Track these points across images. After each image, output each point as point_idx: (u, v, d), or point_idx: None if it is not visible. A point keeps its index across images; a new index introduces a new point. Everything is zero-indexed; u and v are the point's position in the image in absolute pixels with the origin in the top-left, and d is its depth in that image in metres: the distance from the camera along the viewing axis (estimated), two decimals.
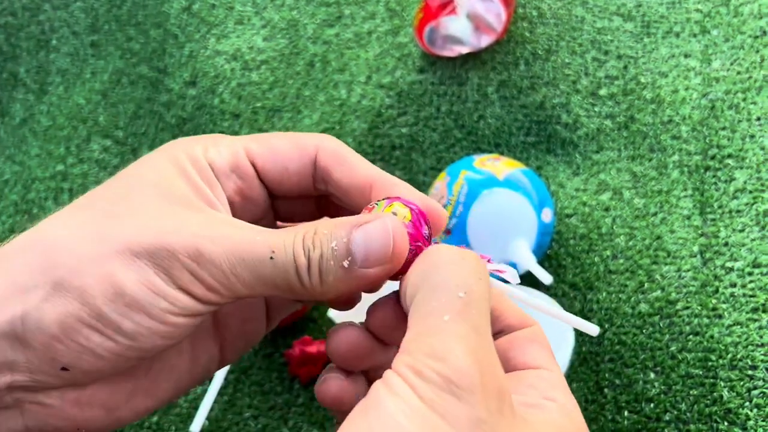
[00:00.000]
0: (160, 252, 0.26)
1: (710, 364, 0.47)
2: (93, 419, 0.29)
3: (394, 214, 0.29)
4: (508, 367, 0.29)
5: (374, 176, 0.31)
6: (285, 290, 0.27)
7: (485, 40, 0.58)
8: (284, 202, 0.33)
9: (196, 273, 0.27)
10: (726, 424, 0.45)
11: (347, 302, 0.31)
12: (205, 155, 0.30)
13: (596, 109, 0.56)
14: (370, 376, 0.30)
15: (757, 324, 0.47)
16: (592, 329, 0.30)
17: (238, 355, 0.34)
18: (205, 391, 0.50)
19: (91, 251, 0.26)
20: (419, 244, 0.29)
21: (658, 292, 0.49)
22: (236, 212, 0.31)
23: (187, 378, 0.32)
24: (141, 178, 0.29)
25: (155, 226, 0.27)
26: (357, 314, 0.38)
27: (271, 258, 0.27)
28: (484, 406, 0.23)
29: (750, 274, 0.49)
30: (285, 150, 0.31)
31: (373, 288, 0.29)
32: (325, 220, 0.29)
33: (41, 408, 0.27)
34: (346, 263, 0.27)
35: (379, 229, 0.27)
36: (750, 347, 0.47)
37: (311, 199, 0.33)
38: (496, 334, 0.30)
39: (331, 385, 0.29)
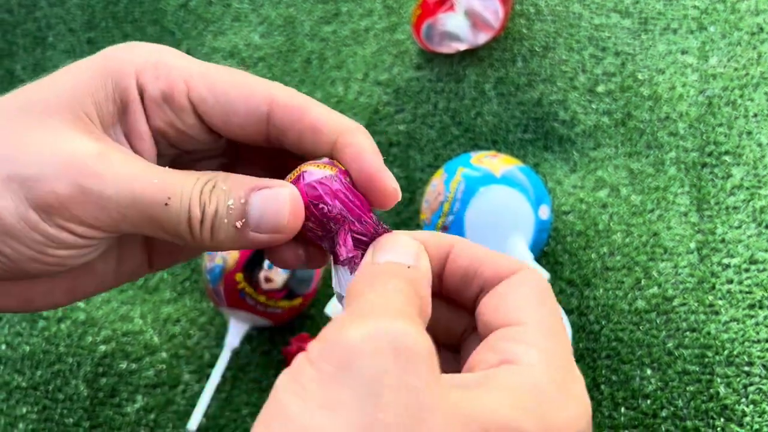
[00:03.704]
0: (39, 186, 0.25)
1: (707, 360, 0.47)
2: (7, 306, 0.29)
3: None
4: (486, 332, 0.26)
5: (337, 128, 0.29)
6: (172, 236, 0.27)
7: (482, 37, 0.58)
8: (245, 148, 0.32)
9: (77, 213, 0.26)
10: (722, 420, 0.45)
11: (286, 264, 0.30)
12: (138, 77, 0.28)
13: (593, 105, 0.56)
14: None
15: (753, 320, 0.47)
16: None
17: (168, 264, 0.33)
18: (202, 389, 0.50)
19: None
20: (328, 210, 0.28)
21: (655, 289, 0.50)
22: (173, 143, 0.30)
23: (112, 279, 0.31)
24: (57, 88, 0.28)
25: (44, 155, 0.26)
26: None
27: (166, 205, 0.26)
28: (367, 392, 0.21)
29: (747, 270, 0.49)
30: (230, 99, 0.29)
31: (262, 248, 0.28)
32: (227, 174, 0.28)
33: None
34: (239, 224, 0.27)
35: (277, 197, 0.27)
36: (747, 344, 0.47)
37: (270, 151, 0.31)
38: (478, 294, 0.28)
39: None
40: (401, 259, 0.26)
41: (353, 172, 0.28)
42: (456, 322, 0.29)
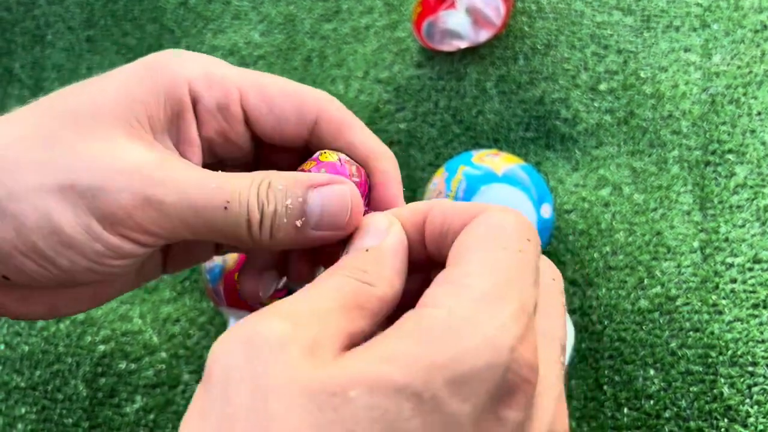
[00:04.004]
0: (103, 196, 0.25)
1: (710, 360, 0.46)
2: (34, 314, 0.29)
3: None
4: None
5: (370, 152, 0.30)
6: (231, 239, 0.27)
7: (484, 35, 0.57)
8: (269, 149, 0.32)
9: (141, 222, 0.26)
10: (726, 421, 0.45)
11: (302, 277, 0.31)
12: (191, 87, 0.29)
13: (596, 104, 0.56)
14: None
15: (757, 320, 0.47)
16: None
17: (182, 268, 0.34)
18: None
19: (32, 180, 0.25)
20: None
21: (658, 288, 0.49)
22: (215, 151, 0.30)
23: (132, 284, 0.32)
24: (108, 95, 0.27)
25: (104, 164, 0.26)
26: None
27: (225, 209, 0.26)
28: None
29: (750, 269, 0.49)
30: (283, 109, 0.30)
31: (320, 245, 0.28)
32: (278, 173, 0.28)
33: None
34: (299, 223, 0.27)
35: (338, 194, 0.27)
36: (750, 343, 0.46)
37: (297, 150, 0.32)
38: (449, 246, 0.26)
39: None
40: (364, 243, 0.26)
41: (376, 194, 0.30)
42: None
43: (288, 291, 0.49)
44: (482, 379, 0.20)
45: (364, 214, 0.28)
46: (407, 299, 0.26)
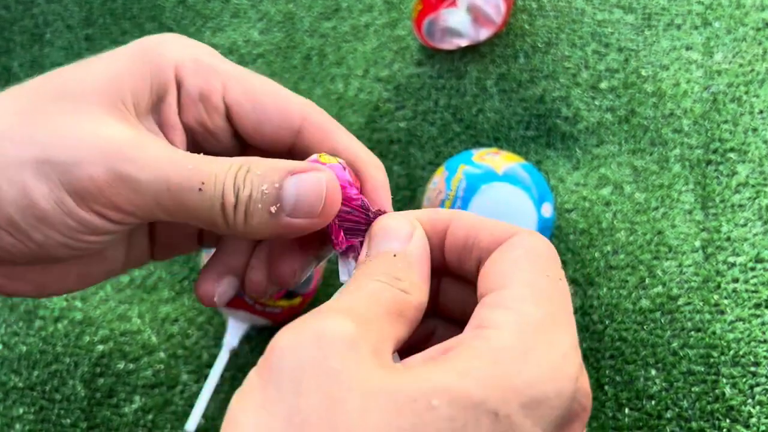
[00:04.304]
0: (76, 170, 0.25)
1: (712, 360, 0.46)
2: (21, 291, 0.29)
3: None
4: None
5: (357, 159, 0.30)
6: (206, 223, 0.27)
7: (484, 33, 0.57)
8: (253, 151, 0.32)
9: (113, 198, 0.26)
10: (728, 421, 0.45)
11: (288, 279, 0.31)
12: (177, 71, 0.29)
13: (596, 102, 0.56)
14: None
15: (759, 320, 0.47)
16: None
17: (168, 257, 0.34)
18: (200, 389, 0.50)
19: (11, 153, 0.26)
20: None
21: (660, 288, 0.49)
22: (197, 140, 0.30)
23: (120, 266, 0.32)
24: (94, 75, 0.28)
25: (79, 139, 0.26)
26: None
27: (200, 190, 0.26)
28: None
29: (752, 269, 0.48)
30: (266, 109, 0.30)
31: (297, 235, 0.28)
32: (259, 159, 0.28)
33: None
34: (273, 209, 0.27)
35: (313, 181, 0.27)
36: (753, 343, 0.46)
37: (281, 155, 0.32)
38: (477, 265, 0.27)
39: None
40: (389, 246, 0.26)
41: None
42: (468, 298, 0.29)
43: (287, 292, 0.49)
44: (552, 405, 0.21)
45: (373, 218, 0.28)
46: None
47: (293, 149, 0.30)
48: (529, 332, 0.22)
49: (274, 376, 0.21)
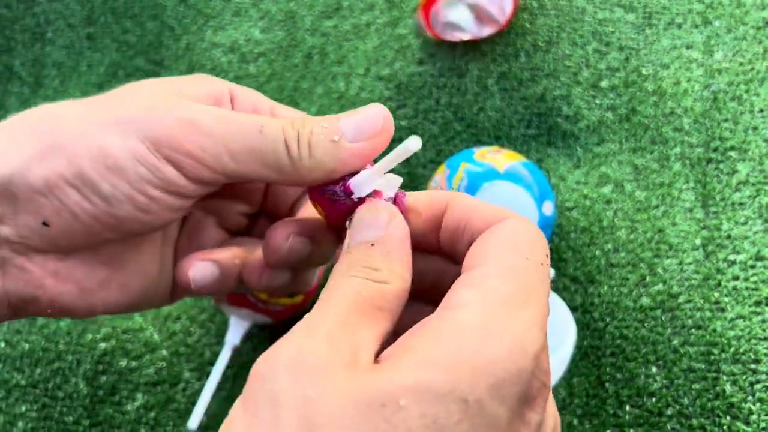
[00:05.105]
0: (150, 122, 0.27)
1: (713, 358, 0.46)
2: (67, 294, 0.30)
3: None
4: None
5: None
6: (272, 165, 0.28)
7: (487, 30, 0.57)
8: None
9: (184, 143, 0.27)
10: (728, 418, 0.45)
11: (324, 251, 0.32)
12: (230, 90, 0.32)
13: (597, 101, 0.56)
14: None
15: (760, 317, 0.47)
16: (412, 143, 0.26)
17: (184, 296, 0.36)
18: (203, 387, 0.50)
19: (87, 119, 0.28)
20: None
21: (660, 286, 0.49)
22: None
23: (153, 289, 0.33)
24: (156, 90, 0.30)
25: (151, 101, 0.28)
26: None
27: (260, 132, 0.28)
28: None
29: (753, 267, 0.48)
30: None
31: (358, 167, 0.29)
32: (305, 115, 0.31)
33: (22, 273, 0.29)
34: (336, 137, 0.28)
35: (369, 108, 0.29)
36: (753, 341, 0.46)
37: None
38: (468, 247, 0.27)
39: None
40: (367, 236, 0.26)
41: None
42: (449, 276, 0.29)
43: None
44: (514, 383, 0.21)
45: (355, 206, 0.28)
46: (414, 285, 0.27)
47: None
48: (492, 308, 0.22)
49: (255, 405, 0.21)
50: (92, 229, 0.28)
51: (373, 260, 0.25)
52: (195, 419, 0.48)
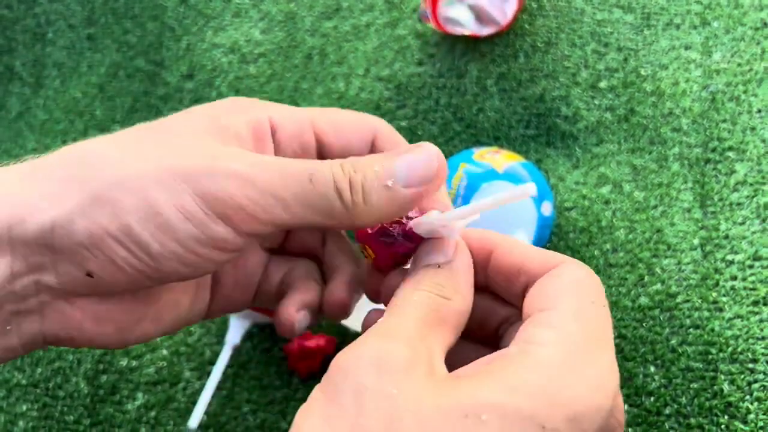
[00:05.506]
0: (201, 175, 0.26)
1: (711, 357, 0.47)
2: (104, 335, 0.30)
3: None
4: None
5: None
6: (325, 214, 0.28)
7: (487, 30, 0.57)
8: None
9: (237, 199, 0.27)
10: (726, 417, 0.45)
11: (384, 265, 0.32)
12: (271, 120, 0.31)
13: (596, 101, 0.56)
14: None
15: (757, 317, 0.47)
16: (530, 189, 0.27)
17: (219, 314, 0.36)
18: (203, 386, 0.50)
19: (131, 167, 0.26)
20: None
21: (659, 286, 0.49)
22: None
23: (185, 317, 0.33)
24: (197, 122, 0.30)
25: (199, 151, 0.27)
26: (353, 321, 0.38)
27: (310, 180, 0.27)
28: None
29: (751, 267, 0.49)
30: (349, 129, 0.32)
31: (413, 208, 0.30)
32: (357, 158, 0.30)
33: (61, 316, 0.28)
34: (389, 182, 0.28)
35: (422, 151, 0.28)
36: (751, 340, 0.47)
37: None
38: (524, 289, 0.28)
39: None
40: (434, 260, 0.28)
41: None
42: (494, 314, 0.31)
43: None
44: (593, 420, 0.23)
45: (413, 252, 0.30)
46: None
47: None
48: (572, 350, 0.24)
49: (338, 395, 0.23)
50: (135, 279, 0.28)
51: (439, 279, 0.27)
52: (195, 418, 0.48)
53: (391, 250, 0.30)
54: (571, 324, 0.25)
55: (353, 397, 0.23)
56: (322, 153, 0.33)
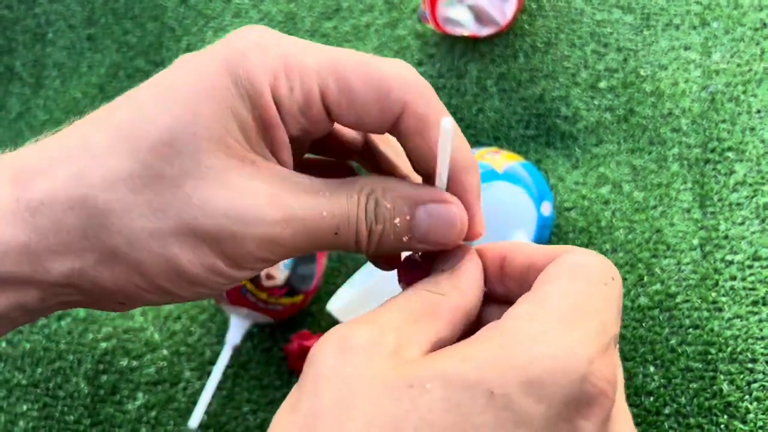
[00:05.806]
0: (225, 239, 0.26)
1: (710, 357, 0.47)
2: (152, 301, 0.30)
3: None
4: None
5: (453, 162, 0.28)
6: (338, 249, 0.29)
7: (486, 30, 0.58)
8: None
9: (259, 256, 0.27)
10: (726, 417, 0.45)
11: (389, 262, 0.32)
12: (273, 91, 0.27)
13: (596, 102, 0.56)
14: None
15: (757, 317, 0.47)
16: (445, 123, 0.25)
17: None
18: (203, 386, 0.50)
19: (147, 225, 0.25)
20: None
21: (658, 286, 0.49)
22: (300, 140, 0.29)
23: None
24: (197, 115, 0.26)
25: (220, 205, 0.25)
26: (357, 312, 0.38)
27: (336, 234, 0.27)
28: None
29: (750, 267, 0.49)
30: (366, 103, 0.27)
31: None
32: (384, 186, 0.27)
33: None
34: (405, 238, 0.28)
35: (443, 213, 0.28)
36: (750, 340, 0.47)
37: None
38: (532, 282, 0.27)
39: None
40: (441, 267, 0.28)
41: (455, 203, 0.29)
42: None
43: (289, 290, 0.50)
44: (557, 383, 0.21)
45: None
46: None
47: (391, 131, 0.29)
48: (547, 320, 0.23)
49: (302, 381, 0.23)
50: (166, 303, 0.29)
51: (438, 279, 0.27)
52: (195, 418, 0.48)
53: (415, 275, 0.30)
54: (552, 298, 0.24)
55: (313, 381, 0.23)
56: (332, 117, 0.28)
